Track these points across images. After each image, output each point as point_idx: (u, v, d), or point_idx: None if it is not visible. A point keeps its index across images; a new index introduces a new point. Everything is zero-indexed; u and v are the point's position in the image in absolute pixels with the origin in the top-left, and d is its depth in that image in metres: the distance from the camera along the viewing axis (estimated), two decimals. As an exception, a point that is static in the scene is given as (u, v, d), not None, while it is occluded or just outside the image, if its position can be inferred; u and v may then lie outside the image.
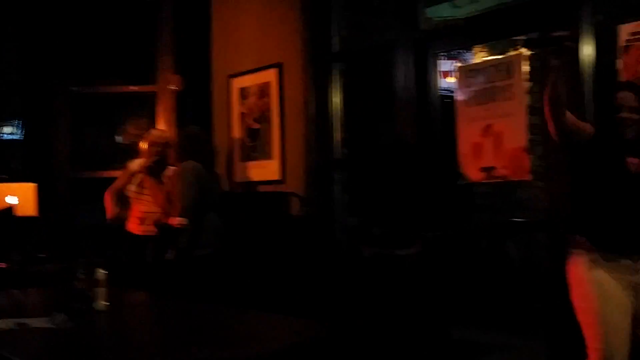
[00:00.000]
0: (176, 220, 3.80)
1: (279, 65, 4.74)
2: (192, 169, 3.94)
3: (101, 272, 2.52)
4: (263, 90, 4.87)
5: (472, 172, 3.75)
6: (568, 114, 2.60)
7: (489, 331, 4.50)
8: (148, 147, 4.31)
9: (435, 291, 3.55)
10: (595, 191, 2.60)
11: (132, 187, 4.33)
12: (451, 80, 5.11)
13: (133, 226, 4.32)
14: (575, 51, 3.19)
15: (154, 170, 4.24)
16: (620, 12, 3.46)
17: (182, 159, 4.01)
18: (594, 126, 2.69)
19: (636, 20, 3.11)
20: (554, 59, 2.56)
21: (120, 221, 4.37)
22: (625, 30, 3.13)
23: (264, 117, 4.86)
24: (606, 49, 3.23)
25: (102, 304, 2.50)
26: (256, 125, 4.92)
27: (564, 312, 3.07)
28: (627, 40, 3.11)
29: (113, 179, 4.52)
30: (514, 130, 3.56)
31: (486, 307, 4.84)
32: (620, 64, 3.11)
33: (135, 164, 4.41)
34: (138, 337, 2.27)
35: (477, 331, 4.43)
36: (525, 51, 5.53)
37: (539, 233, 4.78)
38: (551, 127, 2.62)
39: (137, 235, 4.28)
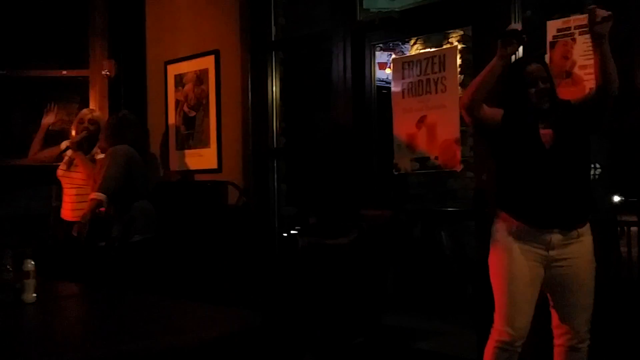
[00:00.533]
0: (94, 195, 3.73)
1: (216, 52, 4.69)
2: (125, 152, 3.88)
3: (29, 263, 2.45)
4: (200, 78, 4.81)
5: (406, 162, 3.82)
6: (483, 106, 2.70)
7: (421, 317, 4.62)
8: (76, 123, 4.24)
9: (369, 279, 3.61)
10: (514, 167, 2.71)
11: (62, 167, 4.24)
12: (388, 72, 5.19)
13: (66, 212, 4.22)
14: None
15: (82, 146, 4.15)
16: (548, 8, 3.59)
17: (114, 142, 3.94)
18: (504, 107, 2.77)
19: (563, 17, 3.22)
20: (504, 49, 2.63)
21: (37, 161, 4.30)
22: (552, 26, 3.24)
23: (200, 105, 4.81)
24: (535, 44, 3.34)
25: (30, 296, 2.43)
26: (192, 113, 4.86)
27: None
28: (554, 37, 3.22)
29: (40, 167, 4.40)
30: (447, 121, 3.64)
31: (418, 293, 4.96)
32: (547, 59, 3.22)
33: (65, 143, 4.33)
34: (67, 331, 2.22)
35: (410, 317, 4.55)
36: (458, 45, 5.67)
37: (469, 221, 4.93)
38: (467, 118, 2.75)
39: (70, 222, 4.19)
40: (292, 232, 4.18)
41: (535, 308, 2.69)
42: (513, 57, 3.16)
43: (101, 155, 4.11)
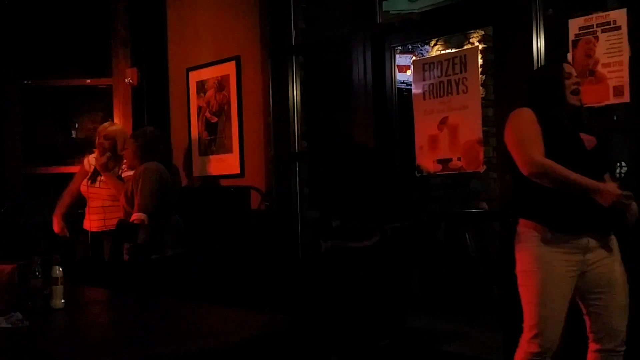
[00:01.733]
0: (135, 216, 3.77)
1: (237, 58, 4.72)
2: (156, 169, 3.91)
3: (57, 270, 2.48)
4: (221, 84, 4.84)
5: (429, 164, 3.81)
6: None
7: (446, 319, 4.59)
8: (99, 141, 4.26)
9: (393, 281, 3.60)
10: None
11: (84, 183, 4.28)
12: (408, 74, 5.18)
13: (88, 223, 4.27)
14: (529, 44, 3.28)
15: (108, 166, 4.18)
16: (570, 6, 3.56)
17: (142, 159, 3.96)
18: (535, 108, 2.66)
19: (585, 15, 3.19)
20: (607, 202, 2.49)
21: (65, 237, 4.32)
22: (574, 25, 3.21)
23: (222, 111, 4.84)
24: (557, 42, 3.32)
25: (58, 302, 2.47)
26: (214, 119, 4.90)
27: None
28: (576, 35, 3.19)
29: (67, 175, 4.44)
30: (469, 122, 3.62)
31: (444, 296, 4.94)
32: (570, 57, 3.19)
33: (87, 163, 4.35)
34: (95, 335, 2.25)
35: (435, 319, 4.52)
36: (479, 45, 5.64)
37: (494, 223, 4.90)
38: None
39: (93, 232, 4.23)
40: (315, 235, 4.19)
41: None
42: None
43: (128, 172, 4.13)
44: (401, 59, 5.96)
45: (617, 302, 2.59)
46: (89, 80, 5.29)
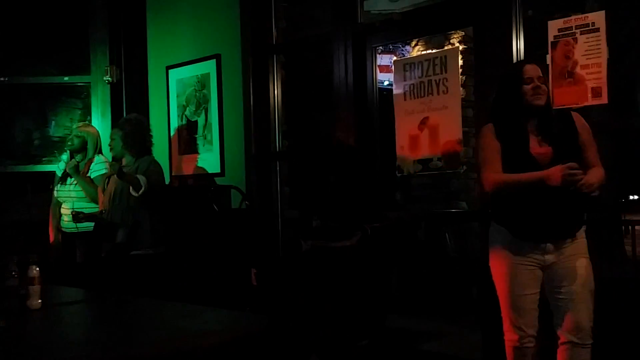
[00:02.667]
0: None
1: (217, 57, 4.70)
2: (155, 164, 3.92)
3: (34, 270, 2.45)
4: (201, 82, 4.81)
5: (409, 164, 3.82)
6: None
7: (426, 319, 4.61)
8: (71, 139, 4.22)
9: (373, 281, 3.61)
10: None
11: (56, 187, 4.23)
12: (389, 74, 5.19)
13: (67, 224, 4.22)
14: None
15: (78, 170, 4.14)
16: (549, 7, 3.59)
17: (134, 148, 3.92)
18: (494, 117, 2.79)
19: (564, 16, 3.22)
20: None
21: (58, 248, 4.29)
22: (554, 26, 3.24)
23: (202, 109, 4.81)
24: (536, 43, 3.34)
25: (35, 302, 2.43)
26: (195, 118, 4.87)
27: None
28: (555, 36, 3.22)
29: (43, 173, 4.39)
30: (449, 123, 3.64)
31: (423, 295, 4.95)
32: (549, 59, 3.22)
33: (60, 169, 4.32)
34: (73, 336, 2.22)
35: (415, 319, 4.54)
36: (460, 45, 5.67)
37: (473, 223, 4.92)
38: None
39: (65, 234, 4.18)
40: (296, 235, 4.18)
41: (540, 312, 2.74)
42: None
43: (100, 163, 4.09)
44: (382, 59, 5.97)
45: (578, 294, 2.66)
46: (66, 78, 5.23)
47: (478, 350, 3.44)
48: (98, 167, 4.18)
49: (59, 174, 4.28)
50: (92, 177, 4.17)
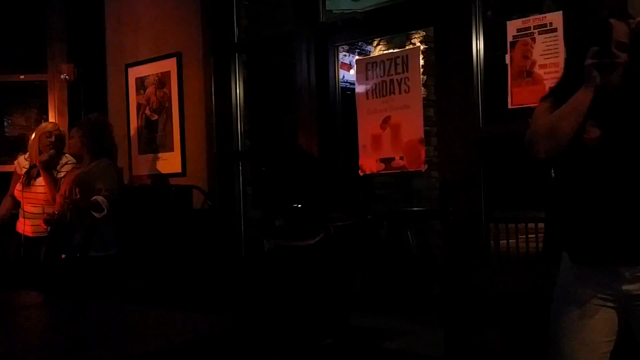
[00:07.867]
0: (99, 198, 3.62)
1: (178, 55, 4.65)
2: (115, 167, 3.82)
3: (-12, 273, 2.38)
4: (162, 80, 4.75)
5: (372, 163, 3.83)
6: None
7: (389, 317, 4.63)
8: (40, 137, 4.08)
9: (336, 280, 3.61)
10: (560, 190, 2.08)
11: (18, 187, 4.11)
12: (352, 73, 5.20)
13: (22, 226, 4.11)
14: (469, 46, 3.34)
15: (49, 165, 4.02)
16: (508, 8, 3.65)
17: (93, 149, 3.81)
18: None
19: (523, 17, 3.27)
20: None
21: (3, 221, 4.15)
22: (512, 26, 3.29)
23: (163, 108, 4.76)
24: (496, 44, 3.39)
25: (-11, 306, 2.37)
26: (155, 117, 4.80)
27: (460, 298, 3.22)
28: (514, 36, 3.27)
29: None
30: (411, 122, 3.67)
31: (386, 294, 4.98)
32: (508, 58, 3.27)
33: (18, 165, 4.18)
34: (30, 342, 2.16)
35: (378, 318, 4.56)
36: (421, 45, 5.72)
37: (435, 221, 4.98)
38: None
39: (29, 237, 4.07)
40: (258, 234, 4.16)
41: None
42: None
43: (67, 167, 3.98)
44: (344, 58, 5.99)
45: None
46: (22, 76, 5.11)
47: (440, 348, 3.47)
48: (66, 168, 4.07)
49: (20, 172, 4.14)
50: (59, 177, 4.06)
